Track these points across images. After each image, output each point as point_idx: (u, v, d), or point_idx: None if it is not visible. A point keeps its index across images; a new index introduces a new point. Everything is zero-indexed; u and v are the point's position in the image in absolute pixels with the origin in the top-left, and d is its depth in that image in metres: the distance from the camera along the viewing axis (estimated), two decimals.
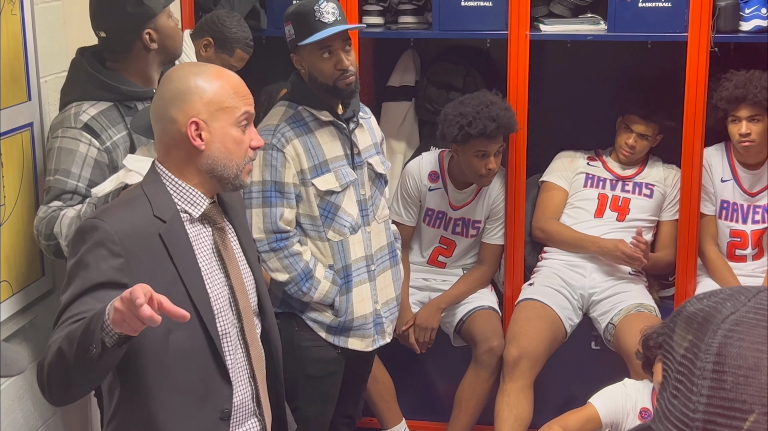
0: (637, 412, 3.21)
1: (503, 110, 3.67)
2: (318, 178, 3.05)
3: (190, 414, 2.14)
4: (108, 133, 2.89)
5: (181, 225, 2.15)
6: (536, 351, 3.74)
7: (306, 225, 3.09)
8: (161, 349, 2.09)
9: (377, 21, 4.08)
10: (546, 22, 3.92)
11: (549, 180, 4.12)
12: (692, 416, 0.95)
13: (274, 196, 3.02)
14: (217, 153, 2.14)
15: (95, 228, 2.06)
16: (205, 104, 2.12)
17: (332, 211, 3.09)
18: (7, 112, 2.90)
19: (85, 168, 2.86)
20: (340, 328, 3.16)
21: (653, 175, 4.06)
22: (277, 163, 3.01)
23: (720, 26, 3.75)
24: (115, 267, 2.03)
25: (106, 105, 2.92)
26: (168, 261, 2.10)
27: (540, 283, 3.96)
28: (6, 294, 2.93)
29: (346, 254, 3.11)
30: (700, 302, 1.02)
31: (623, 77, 4.17)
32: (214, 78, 2.15)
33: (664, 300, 4.08)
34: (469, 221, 3.98)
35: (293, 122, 3.06)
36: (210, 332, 2.13)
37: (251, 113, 2.19)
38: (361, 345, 3.21)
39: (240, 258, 2.28)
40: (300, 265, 3.05)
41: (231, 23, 3.69)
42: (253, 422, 2.28)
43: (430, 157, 4.00)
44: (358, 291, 3.15)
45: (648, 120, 3.93)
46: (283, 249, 3.04)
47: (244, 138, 2.17)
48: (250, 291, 2.28)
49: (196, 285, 2.12)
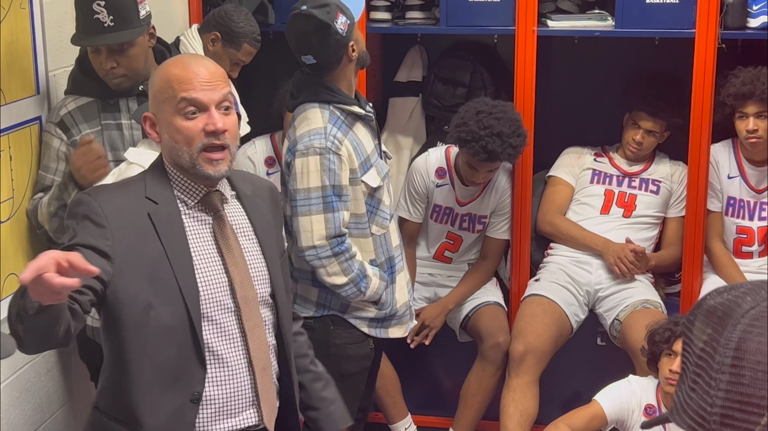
0: (642, 409, 3.21)
1: (506, 144, 3.56)
2: (366, 174, 3.02)
3: (162, 392, 2.16)
4: (79, 127, 2.99)
5: (174, 208, 2.18)
6: (542, 346, 3.74)
7: (350, 224, 3.03)
8: (141, 322, 2.12)
9: (385, 16, 4.08)
10: (553, 18, 3.92)
11: (556, 175, 4.12)
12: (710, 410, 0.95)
13: (335, 201, 2.95)
14: (168, 144, 2.18)
15: (81, 202, 2.14)
16: (152, 98, 2.20)
17: (376, 205, 3.07)
18: (16, 106, 2.90)
19: (60, 162, 2.98)
20: (382, 320, 3.14)
21: (660, 171, 4.05)
22: (335, 167, 2.94)
23: (727, 23, 3.75)
24: (99, 235, 2.08)
25: (87, 100, 3.03)
26: (155, 239, 2.13)
27: (546, 279, 3.96)
28: (14, 287, 2.93)
29: (389, 245, 3.10)
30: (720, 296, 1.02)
31: (630, 73, 4.16)
32: (161, 70, 2.20)
33: (670, 297, 4.08)
34: (475, 216, 3.98)
35: (336, 122, 2.99)
36: (191, 312, 2.14)
37: (195, 98, 2.13)
38: (400, 332, 3.21)
39: (253, 251, 2.27)
40: (356, 266, 3.00)
41: (239, 18, 3.68)
42: (250, 412, 2.27)
43: (437, 153, 4.00)
44: (399, 280, 3.16)
45: (655, 116, 3.93)
46: (344, 253, 2.98)
47: (189, 125, 2.14)
48: (260, 283, 2.28)
49: (182, 265, 2.14)
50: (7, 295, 2.89)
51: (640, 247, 3.87)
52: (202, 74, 2.16)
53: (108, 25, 2.89)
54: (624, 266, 3.85)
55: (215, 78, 2.18)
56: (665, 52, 4.05)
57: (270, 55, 4.03)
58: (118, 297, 2.10)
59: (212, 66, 2.21)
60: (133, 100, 3.05)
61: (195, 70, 2.16)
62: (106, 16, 2.88)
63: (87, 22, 2.91)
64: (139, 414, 2.15)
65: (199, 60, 2.24)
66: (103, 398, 2.24)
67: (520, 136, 3.61)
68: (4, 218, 2.87)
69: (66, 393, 3.20)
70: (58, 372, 3.15)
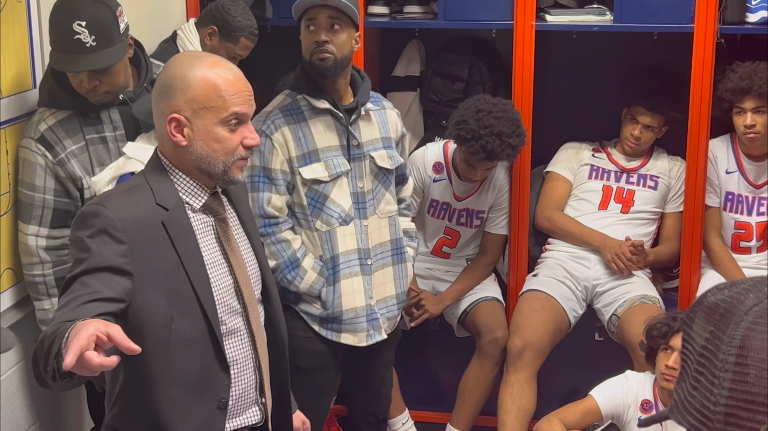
0: (639, 404, 3.21)
1: (505, 144, 3.55)
2: (305, 166, 3.03)
3: (190, 403, 2.14)
4: (63, 144, 2.88)
5: (183, 213, 2.14)
6: (540, 342, 3.73)
7: (297, 214, 3.08)
8: (164, 338, 2.08)
9: (382, 10, 4.07)
10: (552, 13, 3.91)
11: (554, 170, 4.12)
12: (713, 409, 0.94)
13: (262, 182, 3.02)
14: (200, 150, 2.12)
15: (97, 214, 2.04)
16: (188, 101, 2.09)
17: (320, 200, 3.06)
18: (12, 100, 2.89)
19: (48, 179, 2.87)
20: (331, 321, 3.12)
21: (658, 166, 4.05)
22: (265, 149, 3.00)
23: (726, 17, 3.75)
24: (118, 253, 2.01)
25: (66, 114, 2.90)
26: (170, 249, 2.09)
27: (544, 274, 3.96)
28: (10, 283, 2.93)
29: (334, 245, 3.08)
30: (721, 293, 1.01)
31: (629, 68, 4.15)
32: (204, 74, 2.10)
33: (668, 292, 4.07)
34: (473, 212, 3.97)
35: (287, 110, 3.05)
36: (211, 320, 2.12)
37: (242, 113, 2.13)
38: (353, 340, 3.15)
39: (245, 247, 2.28)
40: (287, 253, 3.03)
41: (236, 12, 3.67)
42: (254, 410, 2.28)
43: (435, 148, 3.99)
44: (347, 284, 3.10)
45: (654, 111, 3.92)
46: (271, 236, 3.03)
47: (232, 137, 2.12)
48: (255, 279, 2.28)
49: (198, 273, 2.11)
50: (5, 289, 2.88)
51: (638, 241, 3.86)
52: (247, 88, 2.16)
53: (90, 45, 2.75)
54: (621, 263, 3.84)
55: (251, 91, 2.18)
56: (664, 46, 4.05)
57: (268, 49, 4.02)
58: (139, 314, 2.05)
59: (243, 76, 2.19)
60: (114, 110, 2.96)
61: (242, 84, 2.15)
62: (88, 36, 2.75)
63: (68, 43, 2.77)
64: (170, 428, 2.13)
65: (236, 69, 2.18)
66: (125, 419, 2.18)
67: (519, 135, 3.60)
68: (2, 212, 2.86)
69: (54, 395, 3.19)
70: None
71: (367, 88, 3.13)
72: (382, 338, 3.20)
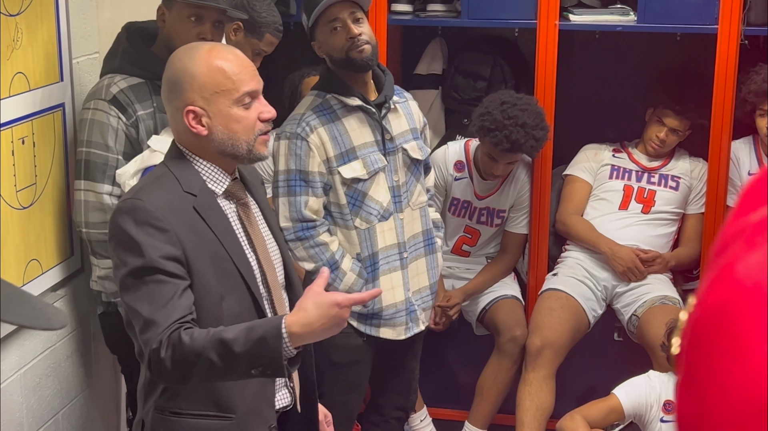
0: (661, 404, 3.21)
1: (529, 136, 3.57)
2: (344, 165, 3.04)
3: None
4: (134, 107, 2.95)
5: (211, 197, 2.19)
6: (559, 341, 3.74)
7: (334, 214, 3.08)
8: (217, 315, 2.13)
9: (405, 8, 4.07)
10: (575, 12, 3.91)
11: (573, 173, 4.11)
12: None
13: (299, 185, 3.01)
14: (222, 135, 2.16)
15: (136, 208, 2.10)
16: (199, 91, 2.14)
17: (359, 198, 3.07)
18: (40, 92, 2.91)
19: (119, 140, 2.94)
20: (370, 317, 3.13)
21: (679, 167, 4.04)
22: (302, 152, 2.99)
23: (750, 19, 3.73)
24: (166, 241, 2.07)
25: (138, 81, 2.98)
26: (208, 232, 2.15)
27: (564, 274, 3.96)
28: (35, 273, 2.95)
29: (373, 242, 3.09)
30: None
31: (651, 69, 4.15)
32: (205, 61, 2.15)
33: (688, 294, 4.07)
34: (494, 210, 3.98)
35: (320, 110, 3.04)
36: (255, 295, 2.19)
37: (253, 89, 2.18)
38: (392, 334, 3.17)
39: (266, 232, 2.31)
40: (326, 255, 3.03)
41: (261, 8, 3.69)
42: (284, 393, 2.32)
43: (456, 147, 4.00)
44: (387, 279, 3.12)
45: (682, 116, 3.90)
46: (309, 239, 3.02)
47: (248, 114, 2.17)
48: (278, 264, 2.31)
49: (237, 252, 2.18)
50: (29, 281, 2.91)
51: (646, 255, 3.85)
52: (248, 63, 2.21)
53: None
54: (635, 275, 3.84)
55: (253, 65, 2.24)
56: (687, 48, 4.04)
57: (291, 46, 4.03)
58: (195, 297, 2.11)
59: (240, 52, 2.25)
60: None
61: (243, 61, 2.20)
62: None
63: None
64: (230, 401, 2.18)
65: (235, 50, 2.26)
66: (180, 400, 2.20)
67: (543, 129, 3.61)
68: (27, 204, 2.88)
69: (86, 379, 3.21)
70: (78, 358, 3.17)
71: (391, 81, 3.14)
72: (420, 330, 3.23)
